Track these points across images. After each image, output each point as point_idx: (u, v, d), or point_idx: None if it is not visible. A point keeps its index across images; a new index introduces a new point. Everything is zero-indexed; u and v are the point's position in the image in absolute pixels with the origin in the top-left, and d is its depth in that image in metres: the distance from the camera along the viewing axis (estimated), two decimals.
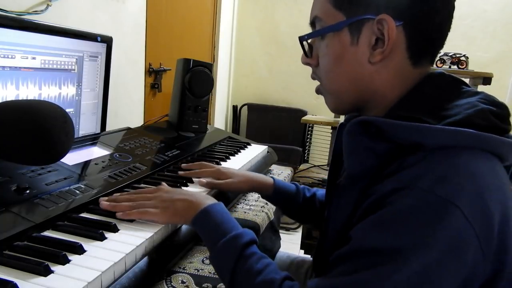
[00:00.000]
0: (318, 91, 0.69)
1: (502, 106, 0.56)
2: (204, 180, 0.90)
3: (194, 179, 0.93)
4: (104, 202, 0.71)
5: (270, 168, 1.40)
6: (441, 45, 0.61)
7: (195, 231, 0.67)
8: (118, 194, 0.76)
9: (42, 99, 0.98)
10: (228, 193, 0.95)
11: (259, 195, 0.98)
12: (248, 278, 0.56)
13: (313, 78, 0.69)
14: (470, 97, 0.56)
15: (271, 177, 0.93)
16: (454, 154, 0.50)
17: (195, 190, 0.86)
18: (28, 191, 0.67)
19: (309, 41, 0.66)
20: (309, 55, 0.66)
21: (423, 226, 0.46)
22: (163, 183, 0.80)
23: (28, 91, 0.94)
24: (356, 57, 0.59)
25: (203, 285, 0.64)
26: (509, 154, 0.54)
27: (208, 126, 1.48)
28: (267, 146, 1.43)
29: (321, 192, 0.93)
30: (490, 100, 0.56)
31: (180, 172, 0.95)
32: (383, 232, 0.48)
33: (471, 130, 0.50)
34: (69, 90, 1.08)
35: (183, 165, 0.99)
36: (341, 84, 0.63)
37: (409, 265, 0.46)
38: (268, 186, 0.90)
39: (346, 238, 0.53)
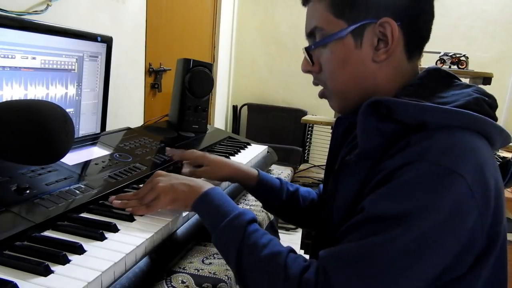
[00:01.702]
0: (323, 95, 0.72)
1: (491, 97, 0.63)
2: (186, 169, 0.90)
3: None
4: (115, 201, 0.73)
5: (270, 168, 1.40)
6: (428, 39, 0.67)
7: (195, 231, 0.67)
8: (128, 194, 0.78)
9: (42, 99, 0.98)
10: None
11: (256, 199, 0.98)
12: (255, 252, 0.58)
13: (316, 84, 0.72)
14: (464, 89, 0.62)
15: (256, 169, 0.91)
16: (454, 133, 0.55)
17: None
18: (28, 191, 0.67)
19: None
20: (312, 64, 0.69)
21: (429, 192, 0.51)
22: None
23: (28, 91, 0.94)
24: (360, 58, 0.64)
25: (203, 285, 0.64)
26: (497, 138, 0.60)
27: (208, 126, 1.48)
28: (267, 146, 1.43)
29: (303, 189, 0.93)
30: (482, 91, 0.62)
31: (167, 152, 0.97)
32: (392, 200, 0.52)
33: (470, 112, 0.55)
34: (69, 90, 1.08)
35: (167, 148, 1.01)
36: (347, 84, 0.67)
37: (416, 226, 0.50)
38: (252, 177, 0.88)
39: (354, 212, 0.57)
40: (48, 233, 0.62)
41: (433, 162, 0.51)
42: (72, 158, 0.85)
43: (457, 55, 2.03)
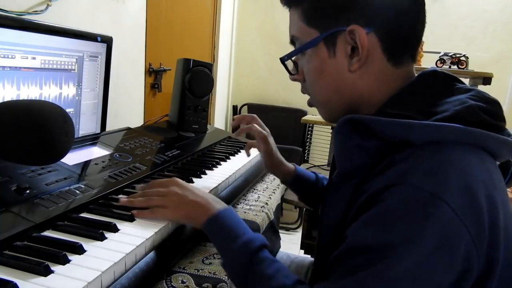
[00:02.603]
0: (310, 104, 0.72)
1: (493, 103, 0.57)
2: (264, 132, 0.97)
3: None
4: (122, 199, 0.73)
5: None
6: (418, 42, 0.62)
7: (195, 231, 0.67)
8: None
9: (42, 99, 0.98)
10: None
11: (259, 195, 0.98)
12: (260, 283, 0.57)
13: (303, 93, 0.72)
14: (461, 94, 0.57)
15: (293, 164, 1.00)
16: (441, 149, 0.51)
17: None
18: (28, 191, 0.67)
19: (293, 58, 0.69)
20: (295, 72, 0.69)
21: (412, 222, 0.47)
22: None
23: (28, 91, 0.94)
24: (336, 68, 0.62)
25: (203, 285, 0.64)
26: (499, 149, 0.54)
27: (208, 126, 1.48)
28: None
29: None
30: (481, 97, 0.57)
31: (233, 122, 1.03)
32: (374, 230, 0.49)
33: (456, 125, 0.51)
34: (69, 90, 1.08)
35: (234, 116, 1.04)
36: (327, 95, 0.65)
37: (401, 261, 0.47)
38: (291, 172, 0.97)
39: (341, 236, 0.54)
40: (48, 233, 0.62)
41: (415, 186, 0.48)
42: (72, 158, 0.85)
43: (457, 55, 2.03)
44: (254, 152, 1.32)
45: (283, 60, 0.68)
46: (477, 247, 0.48)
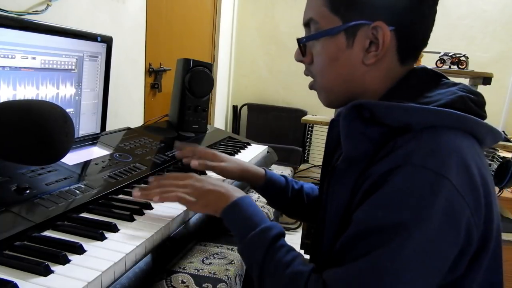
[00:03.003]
0: (312, 87, 0.72)
1: (478, 95, 0.62)
2: (196, 162, 0.90)
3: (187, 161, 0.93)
4: (136, 193, 0.73)
5: (270, 168, 1.40)
6: (425, 45, 0.66)
7: (195, 231, 0.67)
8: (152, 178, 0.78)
9: (42, 99, 0.98)
10: None
11: (259, 195, 0.98)
12: (277, 269, 0.58)
13: (306, 75, 0.72)
14: (450, 87, 0.62)
15: (263, 168, 0.93)
16: (438, 133, 0.55)
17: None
18: (28, 191, 0.67)
19: (304, 40, 0.68)
20: (305, 54, 0.69)
21: (420, 199, 0.51)
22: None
23: (28, 91, 0.94)
24: (350, 59, 0.63)
25: (203, 285, 0.64)
26: (486, 136, 0.59)
27: (208, 126, 1.48)
28: (267, 146, 1.43)
29: (307, 185, 0.94)
30: (468, 89, 0.61)
31: (176, 153, 0.97)
32: (384, 210, 0.52)
33: (452, 110, 0.55)
34: (69, 90, 1.08)
35: (176, 141, 1.00)
36: (334, 82, 0.67)
37: (414, 237, 0.49)
38: (260, 176, 0.90)
39: (346, 222, 0.56)
40: (48, 233, 0.62)
41: (419, 166, 0.51)
42: (72, 158, 0.85)
43: (457, 55, 2.03)
44: (255, 151, 1.33)
45: (301, 42, 0.68)
46: (476, 221, 0.53)
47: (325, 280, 0.54)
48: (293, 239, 2.47)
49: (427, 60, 2.09)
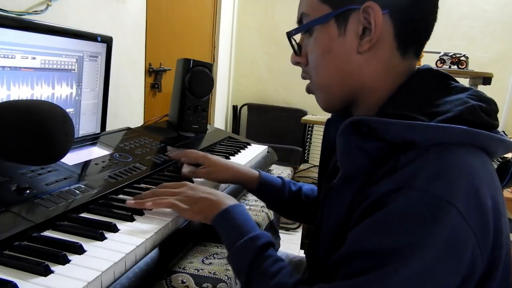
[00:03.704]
0: (309, 89, 0.68)
1: (490, 102, 0.57)
2: (186, 168, 0.90)
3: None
4: (129, 201, 0.73)
5: (270, 168, 1.40)
6: (427, 37, 0.61)
7: (195, 231, 0.67)
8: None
9: (42, 99, 0.98)
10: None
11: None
12: (262, 279, 0.58)
13: (304, 78, 0.69)
14: (460, 93, 0.57)
15: (257, 169, 0.92)
16: (446, 151, 0.50)
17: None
18: (28, 191, 0.67)
19: (298, 40, 0.66)
20: (299, 54, 0.66)
21: (420, 226, 0.47)
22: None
23: (28, 91, 0.94)
24: (344, 48, 0.59)
25: (203, 285, 0.64)
26: (497, 149, 0.55)
27: (208, 126, 1.48)
28: (267, 146, 1.43)
29: (307, 186, 0.93)
30: (479, 96, 0.57)
31: (168, 151, 0.95)
32: (381, 234, 0.48)
33: (462, 127, 0.50)
34: (69, 90, 1.08)
35: (168, 147, 1.00)
36: (331, 77, 0.62)
37: (408, 265, 0.46)
38: (253, 178, 0.88)
39: (341, 239, 0.53)
40: (48, 233, 0.62)
41: (423, 190, 0.47)
42: (72, 158, 0.85)
43: (457, 55, 2.03)
44: (255, 151, 1.33)
45: (290, 34, 0.64)
46: (481, 249, 0.48)
47: None
48: (293, 239, 2.47)
49: (427, 60, 2.09)
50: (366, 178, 0.55)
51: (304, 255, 0.62)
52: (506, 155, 0.63)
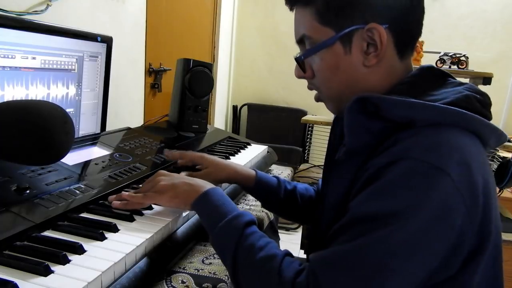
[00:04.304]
0: (319, 99, 0.72)
1: (484, 95, 0.62)
2: (183, 172, 0.90)
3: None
4: (115, 202, 0.73)
5: (270, 168, 1.40)
6: (419, 34, 0.66)
7: (195, 231, 0.67)
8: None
9: (42, 99, 0.98)
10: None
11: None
12: (250, 254, 0.58)
13: (310, 89, 0.73)
14: (456, 87, 0.62)
15: (254, 169, 0.92)
16: (442, 129, 0.55)
17: None
18: (28, 191, 0.67)
19: (302, 57, 0.68)
20: (304, 70, 0.69)
21: (415, 190, 0.50)
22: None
23: (28, 91, 0.94)
24: (351, 64, 0.64)
25: (203, 285, 0.64)
26: (490, 136, 0.59)
27: (208, 126, 1.48)
28: (267, 146, 1.43)
29: (301, 186, 0.94)
30: (474, 89, 0.61)
31: (165, 152, 0.97)
32: (378, 199, 0.52)
33: (458, 109, 0.55)
34: (69, 90, 1.08)
35: (165, 150, 1.00)
36: (340, 90, 0.67)
37: (403, 228, 0.49)
38: (250, 178, 0.89)
39: (343, 211, 0.56)
40: (48, 233, 0.62)
41: (418, 160, 0.51)
42: (72, 158, 0.85)
43: (457, 55, 2.03)
44: (255, 151, 1.33)
45: (299, 60, 0.68)
46: (471, 220, 0.52)
47: (310, 259, 0.54)
48: (293, 239, 2.47)
49: (427, 60, 2.09)
50: (368, 155, 0.59)
51: (304, 255, 0.63)
52: (506, 155, 0.65)
